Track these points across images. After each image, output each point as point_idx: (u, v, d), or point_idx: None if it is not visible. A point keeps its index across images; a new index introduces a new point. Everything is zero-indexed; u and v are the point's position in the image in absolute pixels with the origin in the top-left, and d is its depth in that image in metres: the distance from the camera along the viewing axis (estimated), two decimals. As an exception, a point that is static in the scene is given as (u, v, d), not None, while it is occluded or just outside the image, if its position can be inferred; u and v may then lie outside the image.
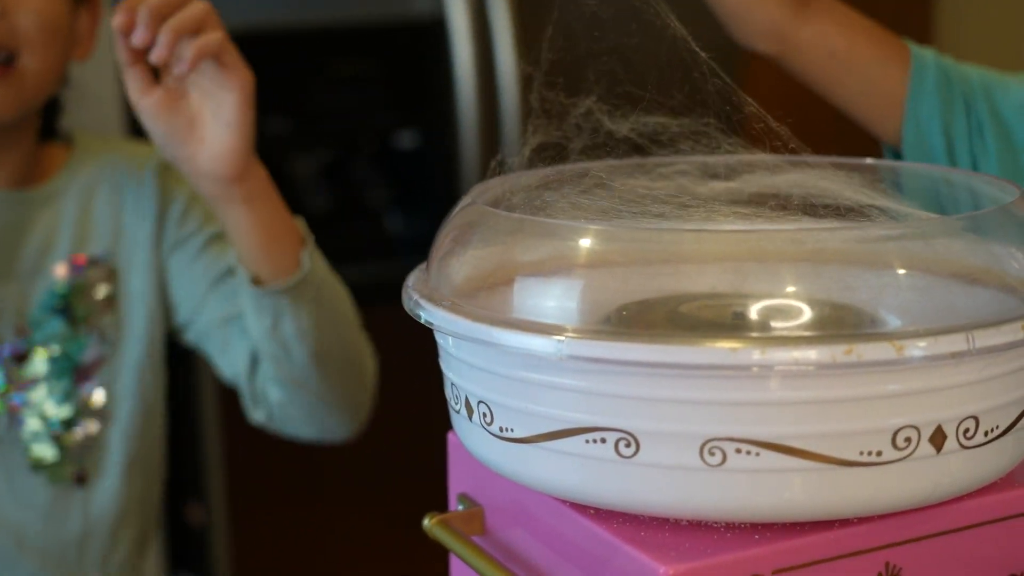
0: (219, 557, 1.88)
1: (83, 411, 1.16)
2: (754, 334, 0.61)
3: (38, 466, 1.15)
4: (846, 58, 1.06)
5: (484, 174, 0.80)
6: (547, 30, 0.91)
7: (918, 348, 0.58)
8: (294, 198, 1.92)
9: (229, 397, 1.81)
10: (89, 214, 1.17)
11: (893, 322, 0.63)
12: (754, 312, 0.63)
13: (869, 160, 0.83)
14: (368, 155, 2.02)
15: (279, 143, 1.89)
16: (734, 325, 0.63)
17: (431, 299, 0.67)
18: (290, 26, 1.88)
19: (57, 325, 1.14)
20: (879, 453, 0.60)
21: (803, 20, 1.04)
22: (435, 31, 1.90)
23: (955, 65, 1.08)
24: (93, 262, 1.16)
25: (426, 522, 0.73)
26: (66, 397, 1.15)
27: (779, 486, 0.60)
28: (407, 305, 0.69)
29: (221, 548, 1.92)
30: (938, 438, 0.61)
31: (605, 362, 0.60)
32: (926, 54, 1.07)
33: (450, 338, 0.67)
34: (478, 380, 0.67)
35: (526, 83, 1.94)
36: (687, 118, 0.79)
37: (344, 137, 2.02)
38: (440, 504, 0.81)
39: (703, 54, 0.78)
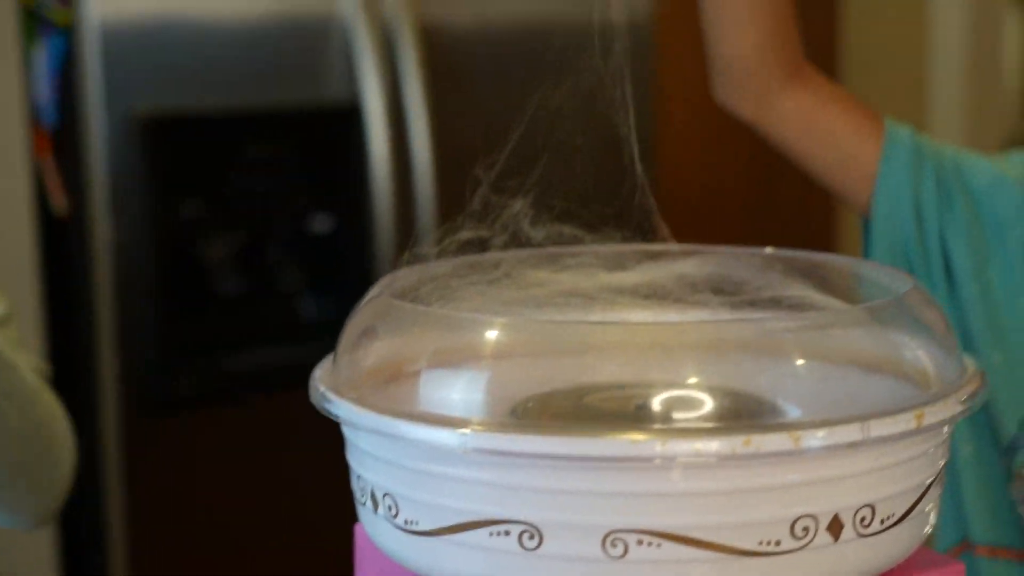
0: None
1: None
2: (656, 425, 0.62)
3: None
4: (823, 132, 1.09)
5: (398, 258, 0.80)
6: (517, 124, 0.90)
7: (815, 439, 0.59)
8: (207, 281, 1.92)
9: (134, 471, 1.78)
10: None
11: (792, 412, 0.63)
12: (656, 403, 0.63)
13: (768, 249, 0.83)
14: (282, 238, 2.02)
15: (193, 226, 1.87)
16: (637, 416, 0.64)
17: (337, 391, 0.67)
18: (205, 110, 1.88)
19: None
20: (778, 543, 0.60)
21: (788, 91, 1.08)
22: (350, 117, 1.91)
23: (929, 142, 1.11)
24: None
25: None
26: None
27: None
28: (314, 397, 0.69)
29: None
30: (835, 527, 0.61)
31: (509, 454, 0.60)
32: (901, 130, 1.09)
33: (356, 430, 0.67)
34: (383, 472, 0.66)
35: (440, 169, 1.97)
36: (602, 233, 0.80)
37: (258, 220, 2.00)
38: None
39: (639, 168, 0.80)
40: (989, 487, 1.10)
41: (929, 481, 0.66)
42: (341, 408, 0.66)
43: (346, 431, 0.69)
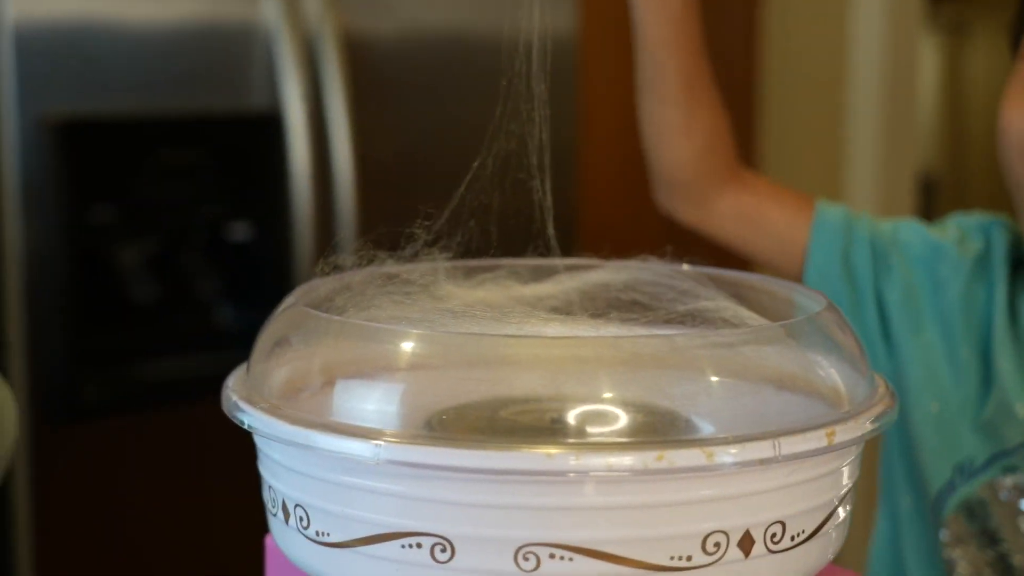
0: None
1: None
2: (571, 439, 0.62)
3: None
4: (760, 226, 1.14)
5: (315, 267, 0.80)
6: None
7: (728, 455, 0.59)
8: (120, 288, 1.89)
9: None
10: None
11: (705, 428, 0.64)
12: (571, 417, 0.63)
13: (685, 265, 0.84)
14: (198, 246, 2.00)
15: (106, 231, 1.84)
16: (552, 430, 0.64)
17: (250, 400, 0.67)
18: (121, 114, 1.85)
19: None
20: (689, 558, 0.60)
21: (725, 194, 1.12)
22: (271, 124, 1.90)
23: (866, 218, 1.16)
24: None
25: None
26: None
27: None
28: (226, 406, 0.68)
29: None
30: (746, 543, 0.62)
31: (422, 467, 0.60)
32: (831, 210, 1.14)
33: (268, 441, 0.67)
34: (295, 484, 0.66)
35: (360, 179, 1.96)
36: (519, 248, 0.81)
37: (174, 227, 1.98)
38: None
39: (547, 182, 0.81)
40: (927, 538, 1.13)
41: (839, 499, 0.67)
42: (253, 418, 0.66)
43: (258, 441, 0.69)
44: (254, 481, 0.73)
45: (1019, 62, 1.06)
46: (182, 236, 1.95)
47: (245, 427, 0.66)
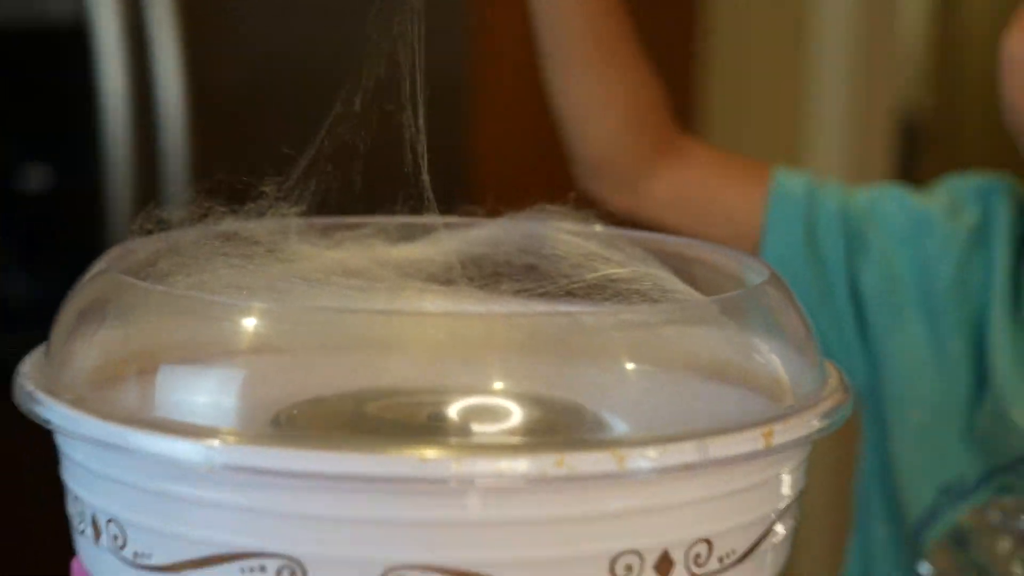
0: None
1: None
2: (452, 440, 0.63)
3: None
4: (703, 206, 1.16)
5: (133, 224, 0.79)
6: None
7: (644, 459, 0.60)
8: None
9: None
10: None
11: (617, 426, 0.65)
12: (453, 412, 0.64)
13: (598, 227, 0.84)
14: None
15: None
16: (429, 428, 0.65)
17: (51, 391, 0.66)
18: None
19: None
20: None
21: (659, 172, 1.13)
22: (75, 39, 1.85)
23: (835, 186, 1.17)
24: None
25: None
26: None
27: None
28: (18, 398, 0.67)
29: None
30: (664, 565, 0.63)
31: (267, 473, 0.60)
32: (791, 178, 1.15)
33: (73, 441, 0.66)
34: (107, 494, 0.66)
35: (193, 112, 1.95)
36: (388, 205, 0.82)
37: None
38: None
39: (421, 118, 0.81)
40: (904, 574, 1.14)
41: (777, 514, 0.68)
42: (54, 412, 0.65)
43: (60, 441, 0.69)
44: (57, 492, 0.74)
45: None
46: None
47: (43, 424, 0.66)
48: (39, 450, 0.81)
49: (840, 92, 2.74)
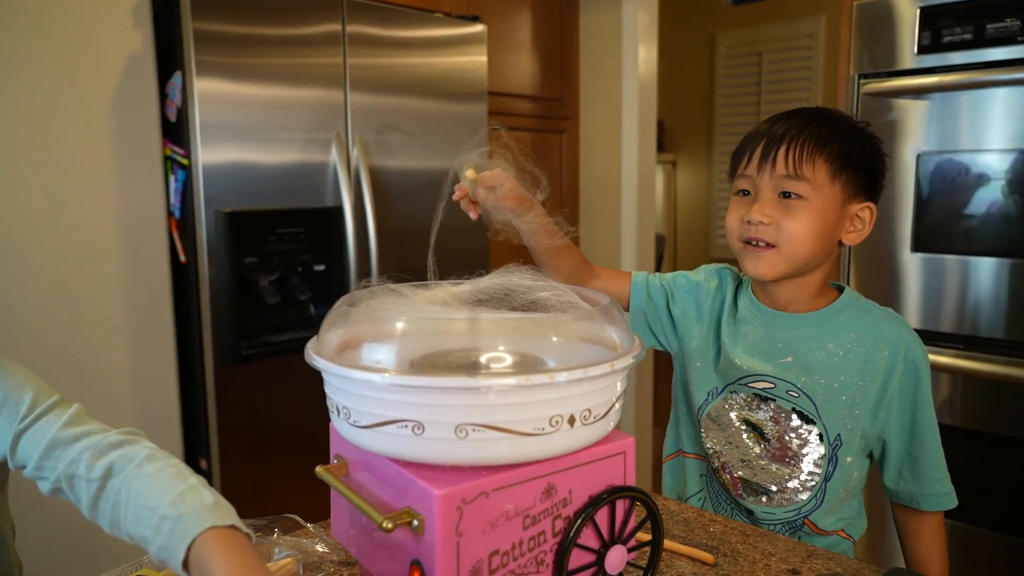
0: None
1: None
2: (483, 371, 0.64)
3: None
4: (607, 289, 1.14)
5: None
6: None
7: (561, 377, 0.62)
8: (258, 297, 1.93)
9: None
10: None
11: (551, 363, 0.66)
12: (482, 360, 0.66)
13: (524, 269, 0.81)
14: (299, 275, 2.08)
15: (251, 269, 1.93)
16: (472, 366, 0.65)
17: (319, 354, 0.67)
18: (258, 208, 1.90)
19: None
20: (542, 429, 0.63)
21: (587, 283, 1.13)
22: (336, 213, 2.09)
23: (657, 274, 1.16)
24: None
25: (317, 469, 0.73)
26: None
27: (495, 447, 0.62)
28: (307, 357, 0.68)
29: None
30: (572, 420, 0.64)
31: (408, 387, 0.61)
32: (638, 273, 1.16)
33: (327, 374, 0.67)
34: (342, 395, 0.67)
35: (380, 244, 2.01)
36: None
37: (286, 266, 2.04)
38: (325, 459, 0.81)
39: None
40: (694, 429, 1.13)
41: (616, 398, 0.69)
42: (320, 363, 0.66)
43: (324, 376, 0.68)
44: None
45: (733, 195, 1.06)
46: (291, 270, 1.97)
47: (316, 369, 0.66)
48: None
49: (634, 226, 2.87)
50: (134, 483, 0.70)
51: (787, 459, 1.04)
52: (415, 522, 0.61)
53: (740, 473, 1.07)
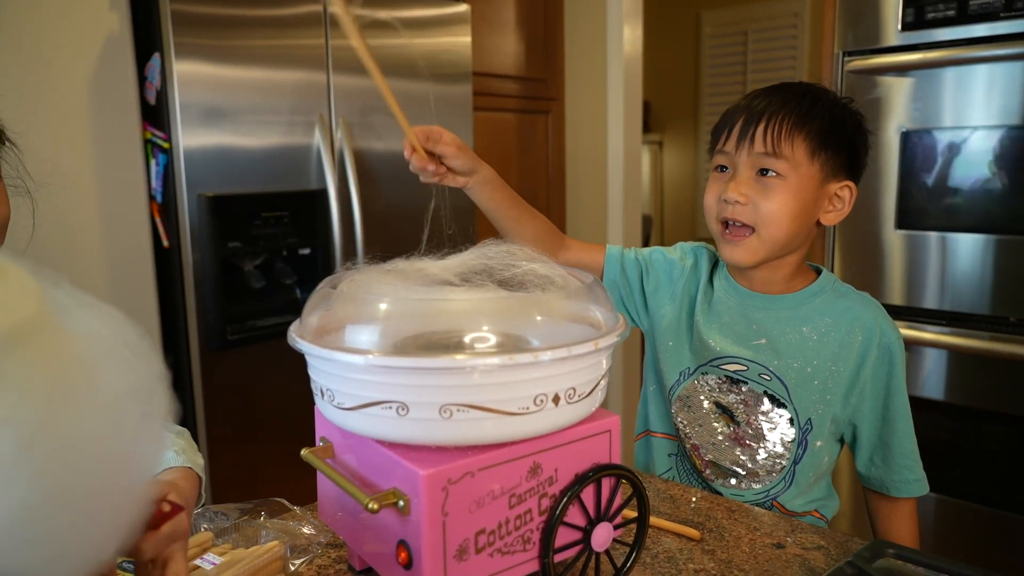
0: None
1: None
2: (467, 351, 0.63)
3: None
4: (580, 262, 1.13)
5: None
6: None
7: (545, 356, 0.62)
8: (244, 281, 1.91)
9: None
10: None
11: (535, 343, 0.66)
12: (467, 339, 0.65)
13: (510, 245, 0.80)
14: (284, 259, 2.07)
15: (235, 253, 1.92)
16: (458, 345, 0.65)
17: (302, 336, 0.67)
18: (242, 192, 1.89)
19: None
20: (527, 408, 0.63)
21: (557, 256, 1.10)
22: (320, 195, 2.08)
23: (632, 249, 1.15)
24: None
25: (303, 452, 0.73)
26: None
27: (480, 427, 0.62)
28: (290, 340, 0.67)
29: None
30: (556, 399, 0.65)
31: (392, 368, 0.61)
32: (613, 247, 1.14)
33: (311, 357, 0.67)
34: (325, 377, 0.67)
35: (365, 225, 2.00)
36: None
37: (271, 249, 2.03)
38: (312, 443, 0.81)
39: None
40: (664, 408, 1.12)
41: (601, 376, 0.69)
42: (303, 345, 0.66)
43: (307, 358, 0.68)
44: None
45: (712, 170, 1.05)
46: (275, 254, 1.95)
47: (298, 350, 0.66)
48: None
49: (621, 206, 2.88)
50: None
51: (756, 442, 1.04)
52: (401, 503, 0.62)
53: (710, 456, 1.07)
